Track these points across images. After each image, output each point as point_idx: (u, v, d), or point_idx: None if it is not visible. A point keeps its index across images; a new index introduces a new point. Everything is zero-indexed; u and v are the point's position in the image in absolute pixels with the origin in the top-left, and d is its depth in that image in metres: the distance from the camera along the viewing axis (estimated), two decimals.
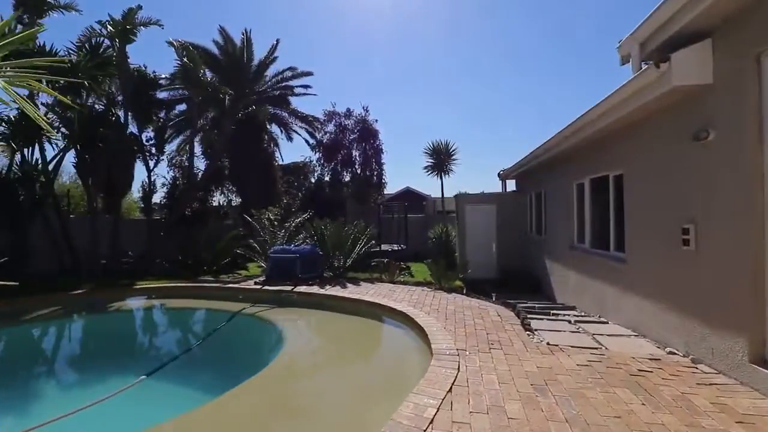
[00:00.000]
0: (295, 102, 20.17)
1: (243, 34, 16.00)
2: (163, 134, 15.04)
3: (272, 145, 20.66)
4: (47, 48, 10.03)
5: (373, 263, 10.73)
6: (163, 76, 13.85)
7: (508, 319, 5.94)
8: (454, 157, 16.78)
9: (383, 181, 23.08)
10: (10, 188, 9.21)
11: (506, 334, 5.14)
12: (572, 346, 4.70)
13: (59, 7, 10.85)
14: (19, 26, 10.14)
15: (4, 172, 9.66)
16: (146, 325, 7.33)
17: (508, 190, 13.82)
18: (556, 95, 49.40)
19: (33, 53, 9.59)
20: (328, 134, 22.69)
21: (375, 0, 31.99)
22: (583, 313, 6.97)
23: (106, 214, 13.54)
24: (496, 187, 14.51)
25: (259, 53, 16.83)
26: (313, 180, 23.59)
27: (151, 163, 14.84)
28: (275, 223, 11.81)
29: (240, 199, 20.07)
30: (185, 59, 11.66)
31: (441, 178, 16.75)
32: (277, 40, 16.65)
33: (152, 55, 25.44)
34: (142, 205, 15.81)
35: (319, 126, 20.40)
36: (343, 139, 22.79)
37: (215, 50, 16.44)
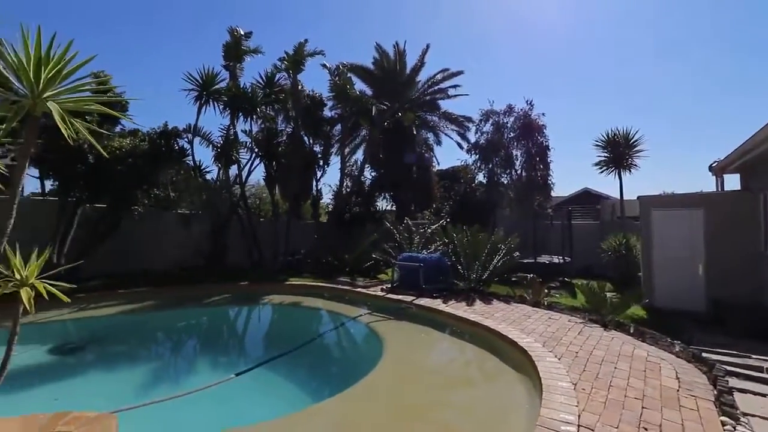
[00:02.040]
0: (448, 104, 19.81)
1: (395, 47, 16.63)
2: (328, 147, 16.97)
3: (428, 151, 20.87)
4: (241, 86, 12.56)
5: (514, 278, 9.23)
6: (330, 96, 15.60)
7: (691, 385, 3.89)
8: (637, 148, 13.06)
9: (549, 182, 20.36)
10: (215, 196, 11.89)
11: (679, 414, 3.31)
12: None
13: (251, 52, 13.49)
14: (225, 71, 13.05)
15: (213, 185, 12.56)
16: (269, 320, 8.26)
17: (725, 188, 9.83)
18: None
19: (230, 91, 12.20)
20: (485, 134, 21.48)
21: None
22: None
23: (287, 218, 16.10)
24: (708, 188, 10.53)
25: (412, 61, 17.19)
26: (472, 184, 22.75)
27: (318, 173, 16.99)
28: (413, 228, 11.59)
29: (395, 204, 20.99)
30: (336, 78, 12.77)
31: (619, 175, 13.25)
32: (427, 45, 16.70)
33: (318, 77, 29.92)
34: (312, 211, 18.20)
35: (470, 126, 19.45)
36: (501, 139, 21.18)
37: (371, 66, 17.62)
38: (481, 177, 21.06)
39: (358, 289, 8.93)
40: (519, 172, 20.67)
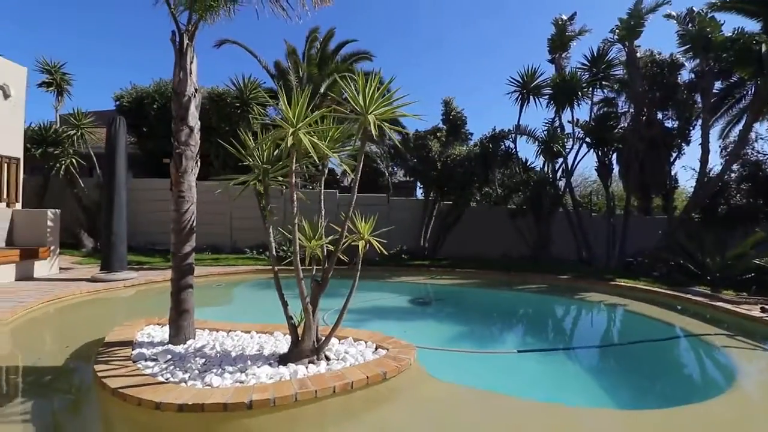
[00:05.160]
0: None
1: None
2: (687, 121, 13.12)
3: None
4: (566, 75, 12.08)
5: None
6: (681, 52, 12.05)
7: None
8: None
9: None
10: (538, 190, 12.08)
11: None
12: None
13: (576, 36, 12.69)
14: (547, 65, 12.98)
15: (545, 175, 12.72)
16: (575, 314, 7.74)
17: None
18: None
19: (554, 82, 12.00)
20: None
21: None
22: None
23: (623, 212, 13.80)
24: None
25: None
26: None
27: (672, 156, 13.41)
28: None
29: None
30: (689, 25, 9.68)
31: None
32: None
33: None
34: (663, 203, 14.56)
35: None
36: None
37: None
38: None
39: (718, 304, 6.42)
40: None
